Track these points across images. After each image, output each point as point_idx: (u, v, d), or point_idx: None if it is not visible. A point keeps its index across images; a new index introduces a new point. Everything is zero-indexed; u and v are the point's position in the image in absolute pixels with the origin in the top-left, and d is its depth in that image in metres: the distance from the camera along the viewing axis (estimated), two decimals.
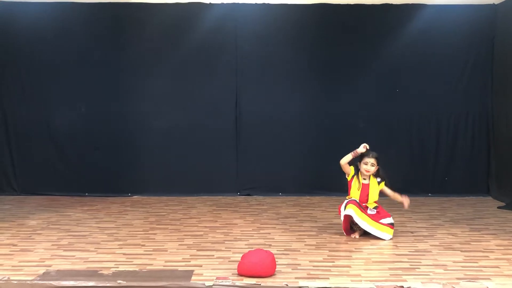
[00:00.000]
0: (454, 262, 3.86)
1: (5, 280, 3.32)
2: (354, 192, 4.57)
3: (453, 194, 6.43)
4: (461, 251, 4.15)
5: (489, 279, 3.48)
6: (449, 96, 6.49)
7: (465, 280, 3.44)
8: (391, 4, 6.39)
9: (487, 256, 4.01)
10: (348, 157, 4.54)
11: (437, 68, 6.46)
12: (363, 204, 4.52)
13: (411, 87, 6.48)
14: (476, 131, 6.54)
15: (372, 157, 4.53)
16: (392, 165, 6.47)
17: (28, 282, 3.32)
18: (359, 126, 6.50)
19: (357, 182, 4.57)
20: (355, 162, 4.62)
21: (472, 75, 6.49)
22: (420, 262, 3.85)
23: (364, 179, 4.58)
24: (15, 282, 3.31)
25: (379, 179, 4.60)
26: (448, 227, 4.95)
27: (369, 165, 4.52)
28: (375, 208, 4.54)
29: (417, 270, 3.69)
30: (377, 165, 4.56)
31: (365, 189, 4.55)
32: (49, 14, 6.34)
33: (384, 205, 4.57)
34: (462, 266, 3.76)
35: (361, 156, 4.56)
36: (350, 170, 4.60)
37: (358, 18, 6.43)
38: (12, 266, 3.71)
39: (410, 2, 6.38)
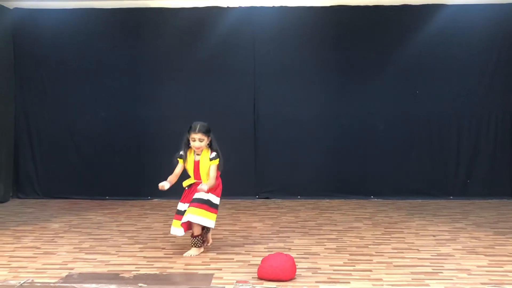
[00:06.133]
0: (478, 266, 3.79)
1: (29, 283, 3.37)
2: (189, 170, 4.18)
3: (476, 197, 6.32)
4: (485, 255, 4.07)
5: None
6: (471, 97, 6.38)
7: (490, 285, 3.37)
8: (410, 5, 6.32)
9: None
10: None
11: (458, 69, 6.35)
12: (198, 181, 4.13)
13: (432, 88, 6.39)
14: (499, 132, 6.41)
15: (199, 131, 4.03)
16: (413, 167, 6.48)
17: (52, 284, 3.36)
18: (378, 128, 6.45)
19: (190, 159, 4.12)
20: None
21: (494, 75, 6.36)
22: (443, 267, 3.79)
23: (198, 154, 4.11)
24: (39, 284, 3.36)
25: (213, 155, 4.08)
26: (471, 230, 4.86)
27: (197, 141, 4.04)
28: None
29: (440, 274, 3.62)
30: (208, 137, 4.08)
31: (196, 166, 4.12)
32: (69, 20, 6.44)
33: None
34: (487, 271, 3.68)
35: (189, 131, 4.08)
36: (180, 167, 4.17)
37: (377, 19, 6.37)
38: (36, 269, 3.77)
39: (430, 2, 6.31)
